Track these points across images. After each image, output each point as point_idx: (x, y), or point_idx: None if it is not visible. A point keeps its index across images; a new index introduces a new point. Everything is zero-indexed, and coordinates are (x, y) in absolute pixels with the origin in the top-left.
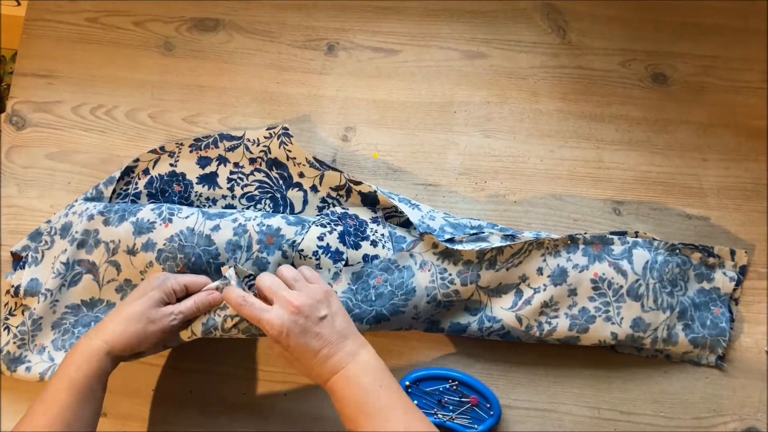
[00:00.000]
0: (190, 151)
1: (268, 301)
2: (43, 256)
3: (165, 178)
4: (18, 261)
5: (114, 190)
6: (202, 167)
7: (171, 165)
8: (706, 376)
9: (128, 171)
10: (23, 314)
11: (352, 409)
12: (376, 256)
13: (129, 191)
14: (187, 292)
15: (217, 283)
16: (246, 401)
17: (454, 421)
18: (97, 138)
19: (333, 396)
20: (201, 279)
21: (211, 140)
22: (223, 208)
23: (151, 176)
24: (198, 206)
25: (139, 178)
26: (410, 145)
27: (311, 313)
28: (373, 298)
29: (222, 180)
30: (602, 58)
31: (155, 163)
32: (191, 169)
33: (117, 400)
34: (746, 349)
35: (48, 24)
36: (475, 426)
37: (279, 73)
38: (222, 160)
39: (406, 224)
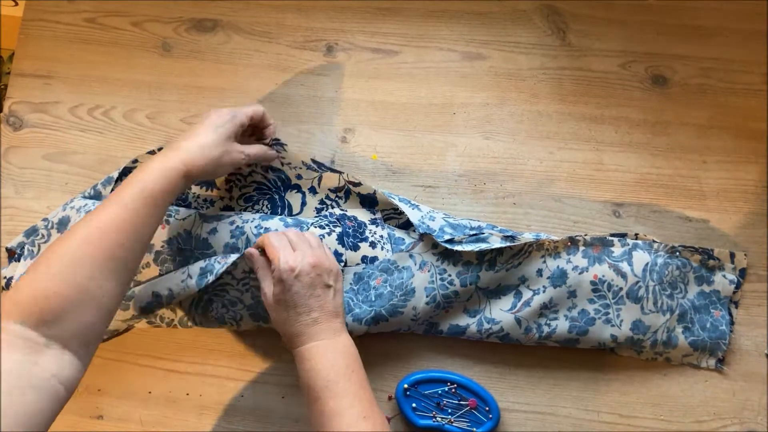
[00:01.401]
0: None
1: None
2: (39, 249)
3: None
4: (13, 257)
5: (112, 190)
6: None
7: None
8: (705, 379)
9: (126, 172)
10: None
11: (320, 382)
12: (374, 258)
13: None
14: (250, 122)
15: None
16: (243, 404)
17: (453, 424)
18: (94, 139)
19: (303, 362)
20: (258, 108)
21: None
22: (221, 209)
23: None
24: (195, 208)
25: None
26: (409, 146)
27: (323, 275)
28: (373, 299)
29: (220, 181)
30: (602, 59)
31: None
32: None
33: (113, 402)
34: (746, 352)
35: (46, 24)
36: (474, 429)
37: (278, 73)
38: None
39: (405, 226)
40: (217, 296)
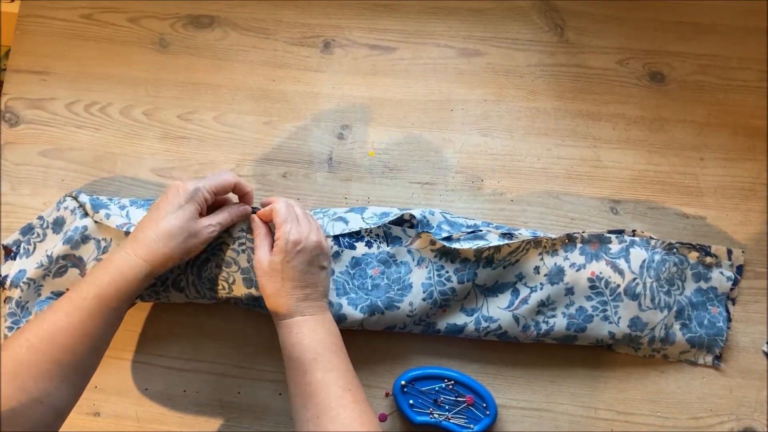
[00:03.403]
0: None
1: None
2: (35, 248)
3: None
4: (9, 255)
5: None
6: None
7: None
8: (703, 376)
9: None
10: (5, 304)
11: (308, 354)
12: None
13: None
14: (214, 198)
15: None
16: (240, 401)
17: (450, 420)
18: (91, 135)
19: (290, 335)
20: (226, 182)
21: None
22: None
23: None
24: None
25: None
26: (407, 143)
27: (321, 256)
28: (369, 288)
29: None
30: (600, 56)
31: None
32: None
33: (110, 399)
34: (743, 349)
35: (42, 20)
36: (471, 426)
37: (274, 70)
38: None
39: (400, 222)
40: (214, 255)
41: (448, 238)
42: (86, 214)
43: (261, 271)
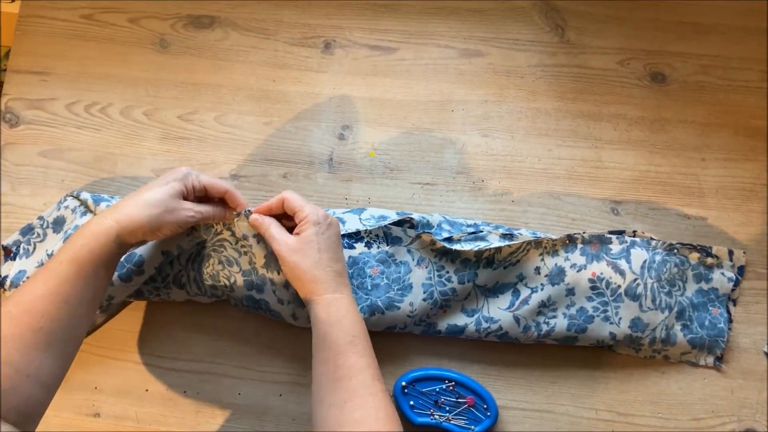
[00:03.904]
0: None
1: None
2: (35, 249)
3: None
4: (9, 255)
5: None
6: None
7: None
8: (704, 377)
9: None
10: None
11: (345, 337)
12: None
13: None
14: (205, 194)
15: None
16: (241, 402)
17: (451, 421)
18: (91, 135)
19: (328, 314)
20: (220, 185)
21: None
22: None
23: None
24: None
25: None
26: (407, 143)
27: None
28: (369, 287)
29: None
30: (600, 57)
31: None
32: None
33: (110, 400)
34: (744, 350)
35: (42, 21)
36: (472, 427)
37: (275, 70)
38: None
39: (400, 223)
40: (216, 252)
41: (449, 239)
42: (86, 212)
43: (290, 250)
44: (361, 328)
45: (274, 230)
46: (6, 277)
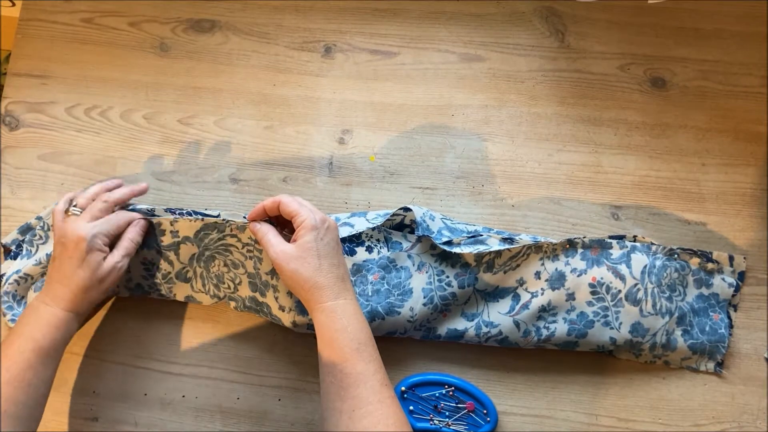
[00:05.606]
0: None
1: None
2: (37, 250)
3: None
4: (8, 253)
5: None
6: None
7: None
8: (704, 383)
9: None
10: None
11: (352, 343)
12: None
13: None
14: (114, 234)
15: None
16: (239, 406)
17: (451, 427)
18: (91, 139)
19: (332, 320)
20: (121, 216)
21: (185, 211)
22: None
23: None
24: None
25: None
26: (407, 148)
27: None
28: (369, 294)
29: None
30: (601, 61)
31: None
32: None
33: (108, 404)
34: (745, 356)
35: (43, 24)
36: None
37: (275, 74)
38: None
39: (400, 227)
40: (220, 254)
41: (449, 243)
42: None
43: (288, 258)
44: (366, 333)
45: (272, 237)
46: (3, 275)
